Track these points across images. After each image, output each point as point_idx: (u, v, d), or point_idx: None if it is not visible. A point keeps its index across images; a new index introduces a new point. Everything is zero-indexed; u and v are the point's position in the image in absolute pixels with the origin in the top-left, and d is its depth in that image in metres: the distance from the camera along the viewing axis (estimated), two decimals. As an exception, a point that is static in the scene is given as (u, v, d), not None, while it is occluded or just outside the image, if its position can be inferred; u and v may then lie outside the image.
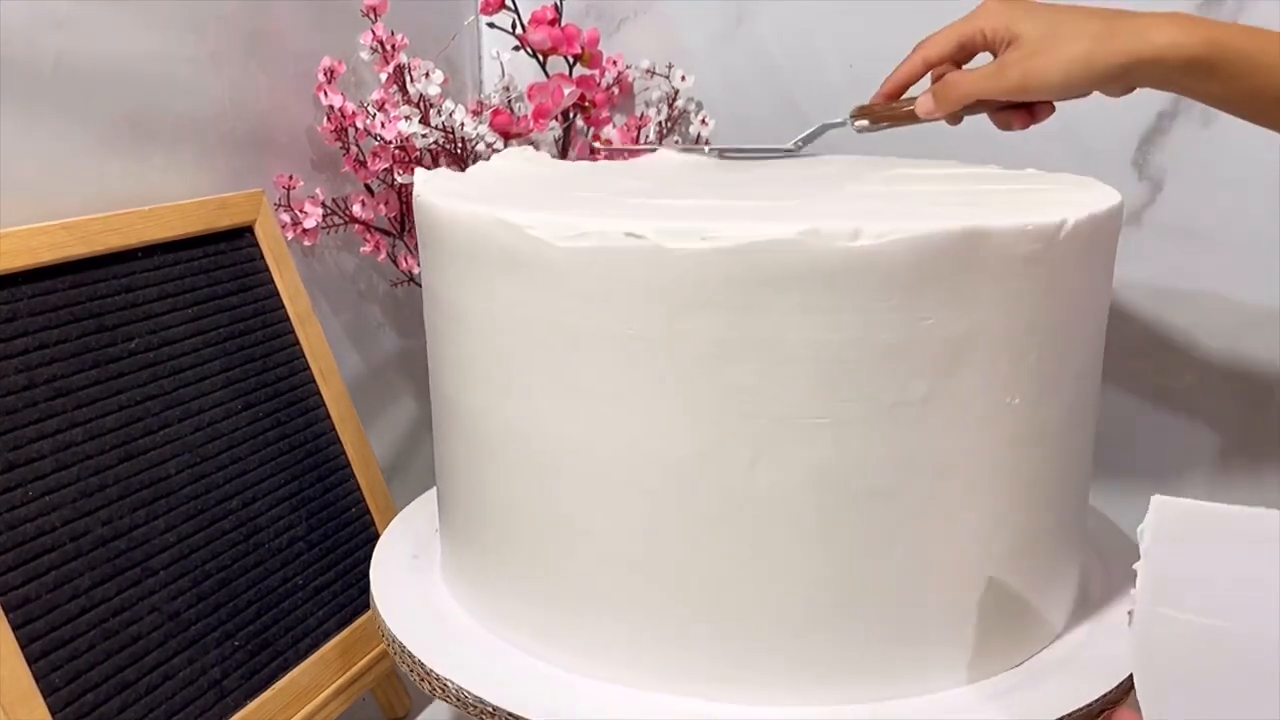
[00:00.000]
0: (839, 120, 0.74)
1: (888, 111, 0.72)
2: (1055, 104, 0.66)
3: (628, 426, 0.52)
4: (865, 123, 0.72)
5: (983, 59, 0.66)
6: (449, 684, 0.57)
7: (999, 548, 0.55)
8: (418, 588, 0.67)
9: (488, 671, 0.58)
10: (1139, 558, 0.40)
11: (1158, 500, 0.39)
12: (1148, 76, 0.60)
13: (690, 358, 0.51)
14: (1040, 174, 0.69)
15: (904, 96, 0.71)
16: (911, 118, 0.70)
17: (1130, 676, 0.54)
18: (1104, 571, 0.67)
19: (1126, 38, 0.59)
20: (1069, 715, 0.54)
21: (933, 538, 0.53)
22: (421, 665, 0.59)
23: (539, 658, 0.58)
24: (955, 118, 0.69)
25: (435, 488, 0.71)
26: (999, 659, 0.57)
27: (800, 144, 0.77)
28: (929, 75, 0.69)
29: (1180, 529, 0.39)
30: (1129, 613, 0.40)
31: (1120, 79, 0.60)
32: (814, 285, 0.49)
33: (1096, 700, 0.54)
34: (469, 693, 0.56)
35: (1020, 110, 0.67)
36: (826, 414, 0.51)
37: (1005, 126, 0.68)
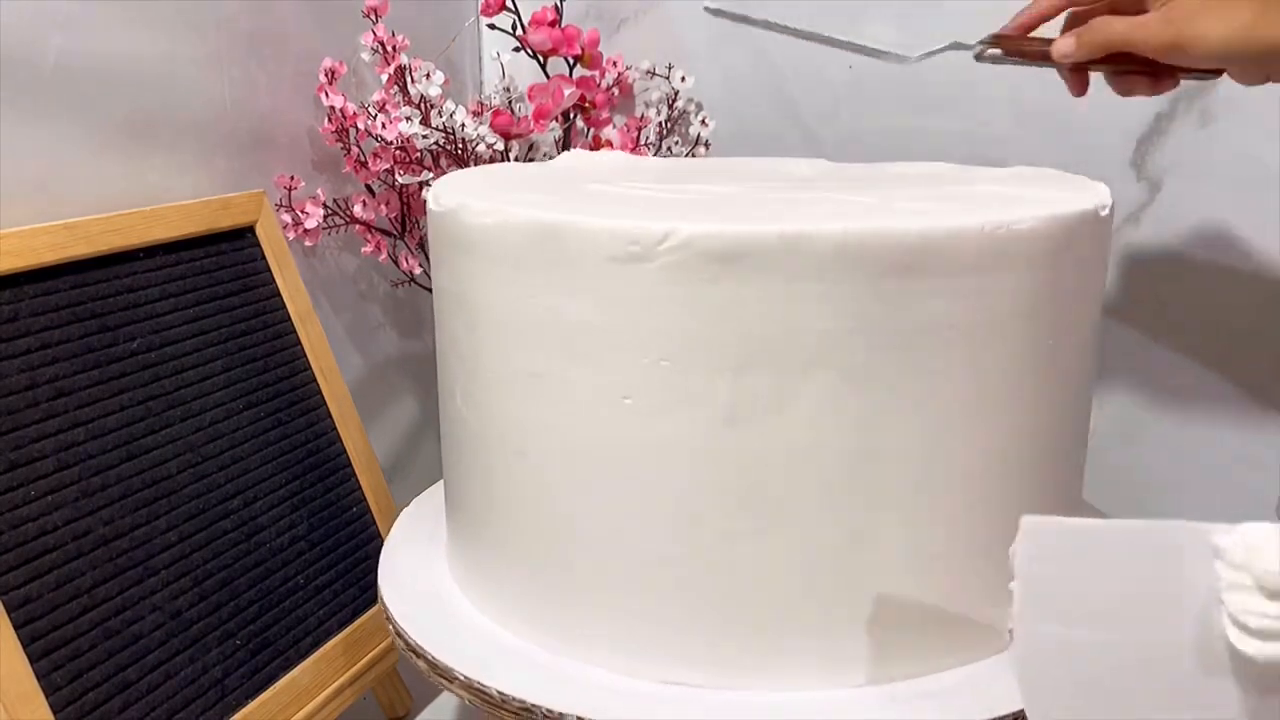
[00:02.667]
0: (970, 43, 0.69)
1: (1022, 45, 0.67)
2: (1180, 79, 0.64)
3: (644, 423, 0.53)
4: (998, 52, 0.68)
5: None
6: (458, 675, 0.57)
7: (996, 537, 0.56)
8: (425, 581, 0.67)
9: (496, 662, 0.58)
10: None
11: (1027, 521, 0.40)
12: None
13: (713, 355, 0.51)
14: (1025, 171, 0.69)
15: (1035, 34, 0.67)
16: (1045, 57, 0.65)
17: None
18: None
19: None
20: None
21: (926, 528, 0.54)
22: (431, 658, 0.59)
23: (545, 648, 0.59)
24: (1080, 74, 0.66)
25: (440, 482, 0.71)
26: (997, 641, 0.58)
27: (924, 56, 0.71)
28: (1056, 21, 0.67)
29: (1052, 547, 0.40)
30: (1009, 631, 0.40)
31: (1272, 58, 0.58)
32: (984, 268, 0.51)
33: None
34: (480, 684, 0.56)
35: (1147, 77, 0.63)
36: (836, 407, 0.51)
37: (1126, 92, 0.65)
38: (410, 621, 0.62)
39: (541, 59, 0.93)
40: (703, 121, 0.95)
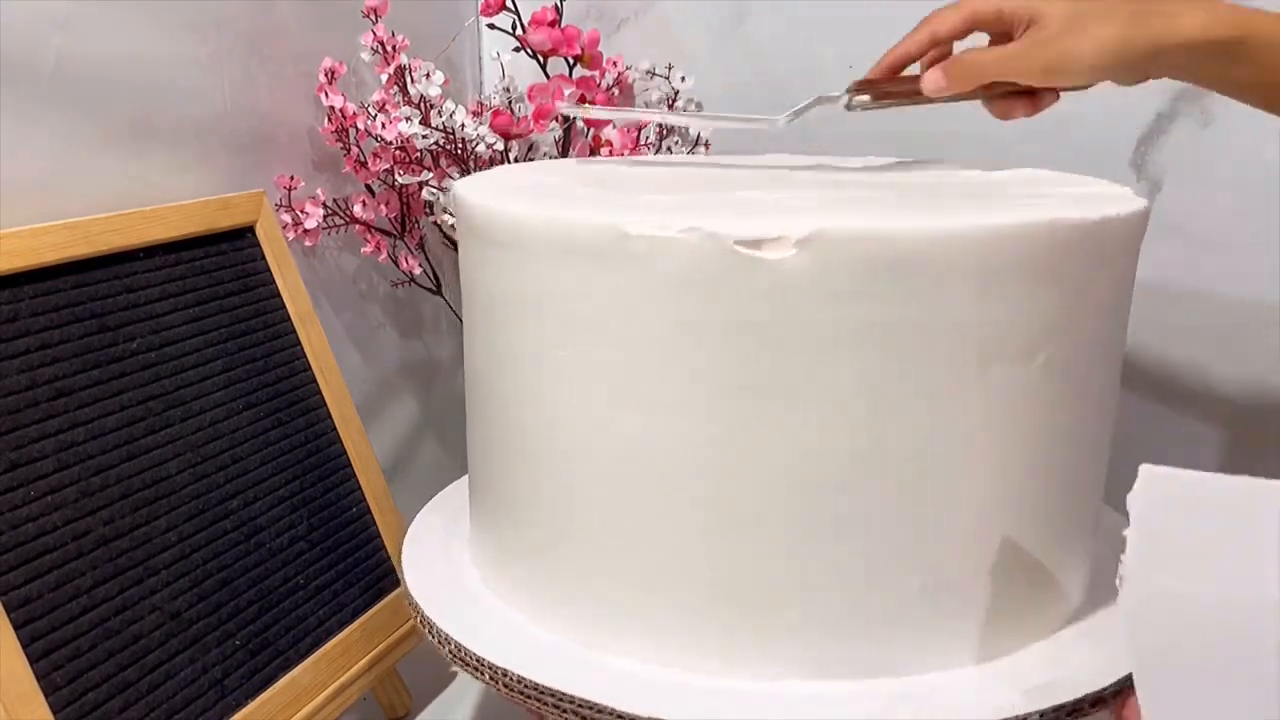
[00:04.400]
0: (835, 95, 0.68)
1: (892, 88, 0.66)
2: (1060, 94, 0.64)
3: (674, 417, 0.53)
4: (866, 98, 0.67)
5: (975, 39, 0.64)
6: (486, 664, 0.58)
7: (1017, 531, 0.56)
8: (447, 566, 0.68)
9: (523, 652, 0.59)
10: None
11: (1146, 469, 0.40)
12: (1174, 62, 0.58)
13: (735, 351, 0.51)
14: (1038, 172, 0.69)
15: (903, 74, 0.67)
16: (916, 95, 0.65)
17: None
18: (1114, 561, 0.67)
19: (1159, 21, 0.57)
20: (1091, 694, 0.54)
21: (954, 517, 0.54)
22: (460, 646, 0.60)
23: (569, 638, 0.59)
24: (955, 98, 0.65)
25: (454, 483, 0.72)
26: (1014, 638, 0.58)
27: (792, 117, 0.69)
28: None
29: (1169, 497, 0.40)
30: (1119, 578, 0.40)
31: (1149, 64, 0.59)
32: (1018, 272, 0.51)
33: (1117, 681, 0.55)
34: (510, 672, 0.57)
35: (1025, 97, 0.63)
36: (868, 401, 0.51)
37: (1005, 116, 0.65)
38: (436, 610, 0.63)
39: (541, 59, 0.93)
40: (703, 121, 0.95)
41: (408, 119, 0.85)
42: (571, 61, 0.94)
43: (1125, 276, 0.59)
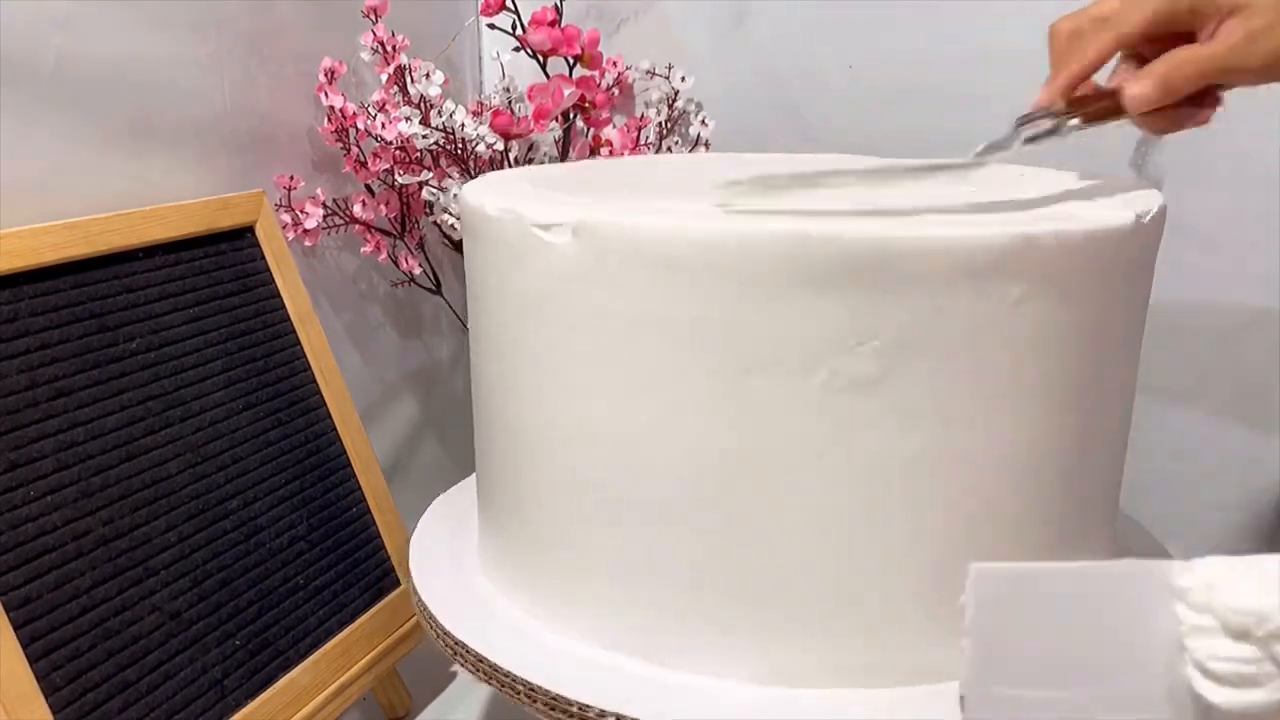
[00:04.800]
0: (1008, 136, 0.58)
1: (1085, 109, 0.57)
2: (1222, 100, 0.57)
3: (682, 416, 0.53)
4: (1076, 121, 0.57)
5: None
6: (493, 666, 0.58)
7: (1023, 536, 0.56)
8: (454, 568, 0.68)
9: (523, 650, 0.59)
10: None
11: (975, 568, 0.36)
12: None
13: (744, 352, 0.51)
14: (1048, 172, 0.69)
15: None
16: (1110, 113, 0.56)
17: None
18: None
19: None
20: None
21: (970, 524, 0.54)
22: (466, 648, 0.59)
23: (575, 638, 0.59)
24: (1159, 117, 0.57)
25: (469, 477, 0.71)
26: None
27: (980, 157, 0.59)
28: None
29: (1002, 595, 0.36)
30: (960, 697, 0.37)
31: None
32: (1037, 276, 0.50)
33: None
34: (517, 677, 0.57)
35: (1193, 105, 0.56)
36: (889, 404, 0.51)
37: (1173, 128, 0.57)
38: (444, 613, 0.63)
39: (541, 59, 0.93)
40: (703, 121, 0.95)
41: (408, 119, 0.85)
42: (571, 61, 0.94)
43: (1141, 277, 0.58)
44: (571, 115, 0.93)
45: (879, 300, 0.50)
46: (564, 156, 0.95)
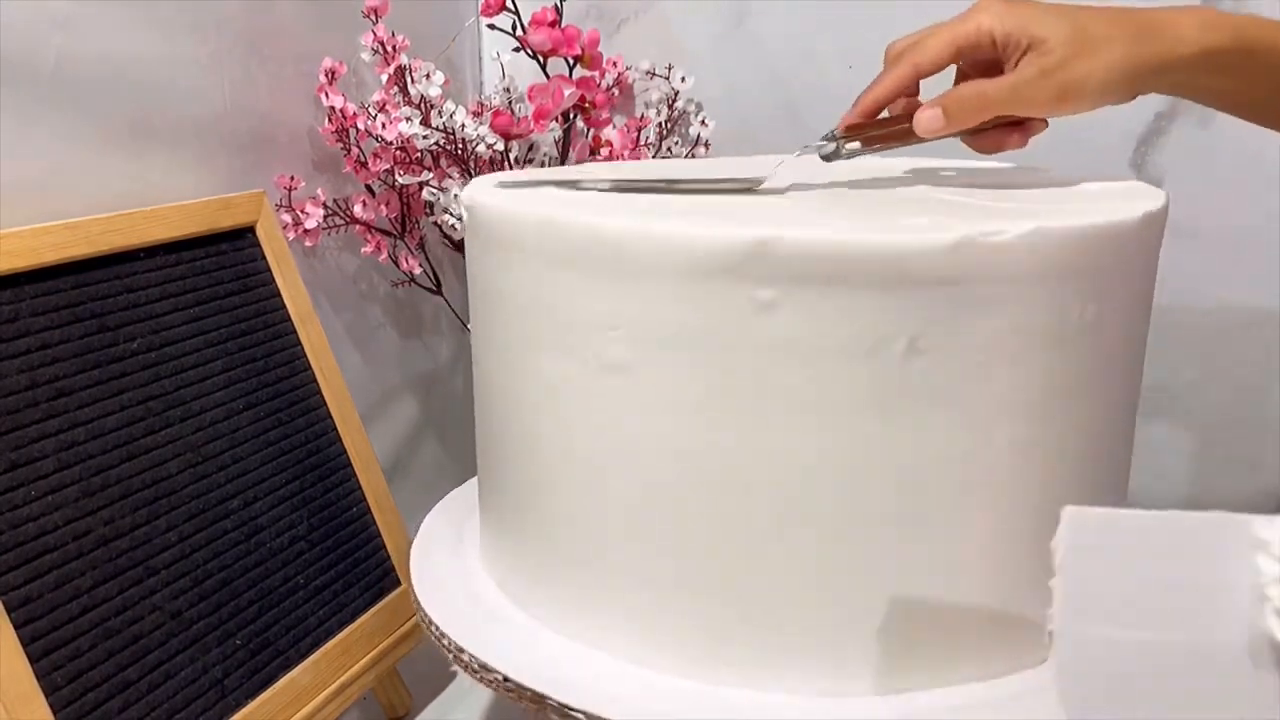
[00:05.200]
0: (817, 144, 0.62)
1: (877, 131, 0.61)
2: (1048, 122, 0.60)
3: (674, 422, 0.53)
4: (856, 145, 0.61)
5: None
6: (491, 670, 0.58)
7: (1025, 548, 0.55)
8: (456, 573, 0.68)
9: (527, 656, 0.58)
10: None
11: (1070, 511, 0.37)
12: (1176, 79, 0.56)
13: (744, 357, 0.51)
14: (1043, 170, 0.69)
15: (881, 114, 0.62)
16: (905, 136, 0.60)
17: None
18: None
19: (1163, 36, 0.54)
20: None
21: (965, 531, 0.54)
22: (463, 650, 0.59)
23: (578, 641, 0.59)
24: (978, 137, 0.60)
25: (470, 479, 0.71)
26: (1029, 655, 0.57)
27: (772, 173, 0.63)
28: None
29: (1096, 540, 0.37)
30: (1048, 633, 0.38)
31: (1153, 82, 0.56)
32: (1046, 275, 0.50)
33: None
34: (511, 679, 0.56)
35: (1016, 128, 0.59)
36: (868, 410, 0.51)
37: (995, 149, 0.60)
38: (443, 615, 0.62)
39: (541, 59, 0.93)
40: (703, 121, 0.95)
41: (408, 119, 0.85)
42: (571, 62, 0.94)
43: (1145, 276, 0.58)
44: (571, 115, 0.93)
45: (889, 302, 0.50)
46: (564, 157, 0.95)
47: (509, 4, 0.90)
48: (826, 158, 0.62)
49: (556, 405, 0.57)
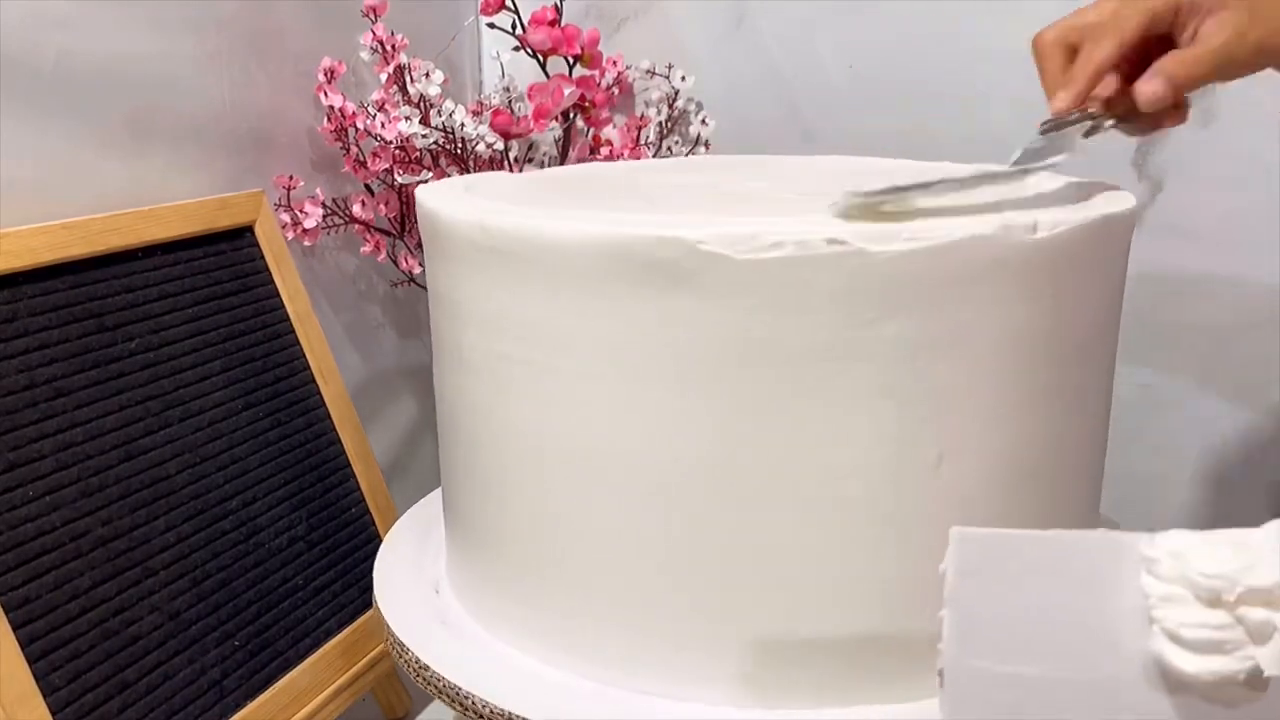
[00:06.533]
0: (1037, 143, 0.60)
1: (1107, 112, 0.59)
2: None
3: (644, 429, 0.52)
4: (1086, 125, 0.59)
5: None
6: (450, 685, 0.57)
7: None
8: (421, 588, 0.67)
9: (489, 673, 0.57)
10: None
11: (956, 532, 0.36)
12: None
13: (719, 362, 0.50)
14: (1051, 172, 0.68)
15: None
16: (1126, 116, 0.58)
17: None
18: None
19: None
20: None
21: (881, 541, 0.53)
22: (424, 666, 0.59)
23: (542, 660, 0.58)
24: (1147, 118, 0.59)
25: (439, 488, 0.70)
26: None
27: (1017, 168, 0.61)
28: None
29: (983, 563, 0.36)
30: (939, 672, 0.37)
31: None
32: (1001, 277, 0.50)
33: None
34: (473, 695, 0.56)
35: (1174, 106, 0.58)
36: (844, 417, 0.50)
37: (1155, 128, 0.60)
38: (407, 633, 0.61)
39: (541, 59, 0.93)
40: (703, 121, 0.95)
41: (407, 118, 0.85)
42: (571, 61, 0.94)
43: (1114, 277, 0.58)
44: (571, 115, 0.93)
45: (865, 310, 0.49)
46: (564, 156, 0.95)
47: (509, 3, 0.90)
48: (1085, 135, 0.60)
49: (490, 408, 0.56)
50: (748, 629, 0.54)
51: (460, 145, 0.89)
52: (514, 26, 0.91)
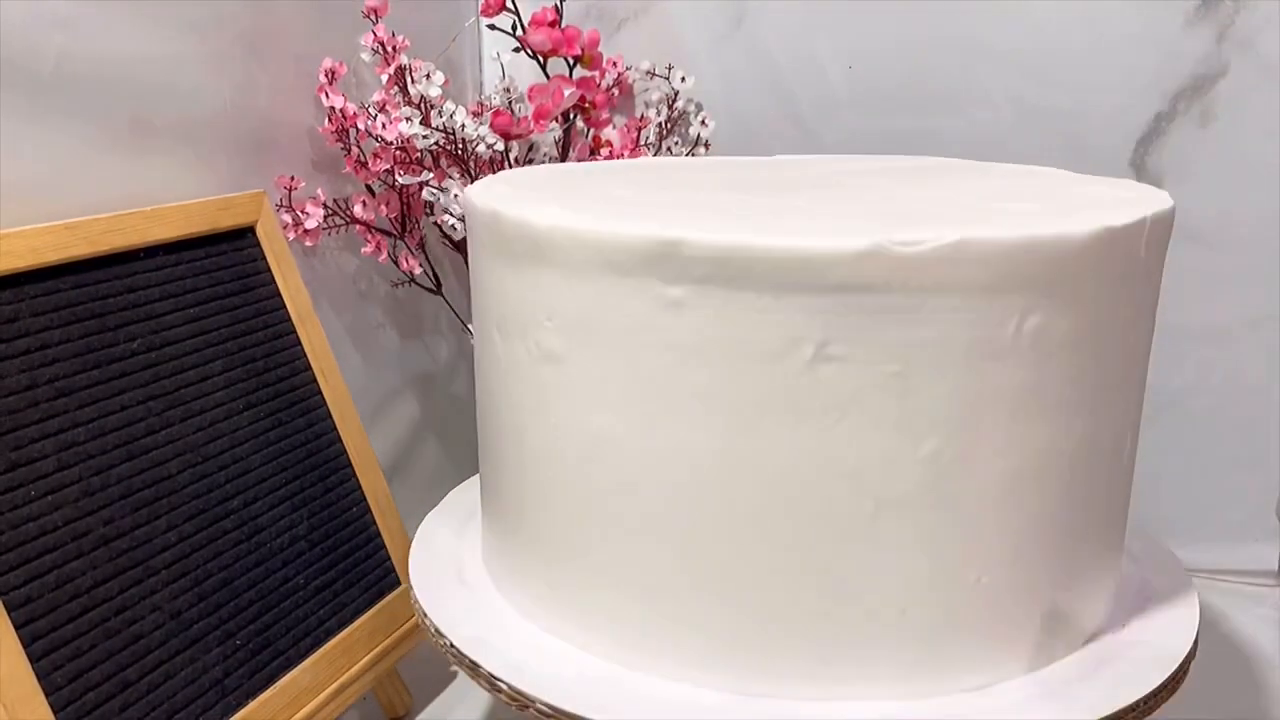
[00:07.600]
0: None
1: None
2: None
3: (674, 427, 0.53)
4: None
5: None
6: (490, 676, 0.58)
7: (1043, 542, 0.56)
8: (457, 575, 0.68)
9: (528, 662, 0.58)
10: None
11: None
12: None
13: (743, 362, 0.51)
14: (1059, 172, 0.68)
15: None
16: None
17: (1176, 670, 0.54)
18: (1137, 578, 0.67)
19: None
20: (1129, 706, 0.54)
21: (980, 534, 0.54)
22: (461, 654, 0.59)
23: (578, 646, 0.59)
24: None
25: (470, 478, 0.71)
26: (1045, 653, 0.57)
27: None
28: None
29: None
30: None
31: None
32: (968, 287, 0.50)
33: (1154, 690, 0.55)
34: (508, 684, 0.57)
35: None
36: (790, 416, 0.51)
37: None
38: (444, 620, 0.63)
39: (541, 59, 0.93)
40: (703, 121, 0.95)
41: (408, 119, 0.85)
42: (571, 62, 0.94)
43: (1151, 280, 0.58)
44: (571, 115, 0.93)
45: (794, 306, 0.50)
46: (564, 157, 0.95)
47: (509, 4, 0.90)
48: None
49: (509, 396, 0.58)
50: (762, 615, 0.54)
51: (461, 146, 0.89)
52: (514, 27, 0.91)
